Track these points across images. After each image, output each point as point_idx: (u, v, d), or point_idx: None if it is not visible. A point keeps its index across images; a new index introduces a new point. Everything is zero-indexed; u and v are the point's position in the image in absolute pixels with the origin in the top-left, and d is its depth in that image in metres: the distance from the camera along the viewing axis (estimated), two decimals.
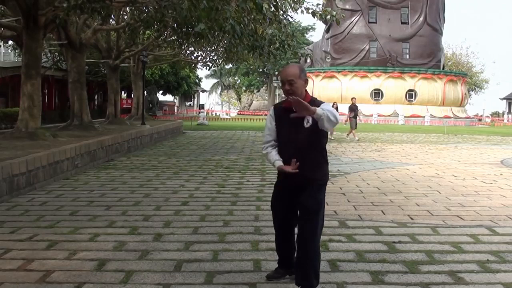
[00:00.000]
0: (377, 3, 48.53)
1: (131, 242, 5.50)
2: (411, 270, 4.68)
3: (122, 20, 21.10)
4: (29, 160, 8.63)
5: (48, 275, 4.43)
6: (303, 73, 4.02)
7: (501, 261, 4.99)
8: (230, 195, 8.33)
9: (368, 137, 23.90)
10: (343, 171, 11.62)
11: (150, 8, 13.51)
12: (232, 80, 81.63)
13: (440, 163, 13.74)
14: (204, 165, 12.48)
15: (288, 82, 3.97)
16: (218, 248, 5.31)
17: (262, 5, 10.34)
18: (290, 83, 3.97)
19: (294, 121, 3.91)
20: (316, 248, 4.06)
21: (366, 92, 45.39)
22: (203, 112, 43.11)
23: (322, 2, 25.49)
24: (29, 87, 12.57)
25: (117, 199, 7.92)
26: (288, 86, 3.97)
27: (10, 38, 16.42)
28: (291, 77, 3.98)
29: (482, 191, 9.15)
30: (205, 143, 19.24)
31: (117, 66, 22.10)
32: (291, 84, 3.97)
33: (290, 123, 3.97)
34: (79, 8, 10.82)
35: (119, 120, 21.59)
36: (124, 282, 4.30)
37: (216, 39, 14.43)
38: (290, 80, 3.97)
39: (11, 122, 18.59)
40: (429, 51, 48.51)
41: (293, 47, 17.03)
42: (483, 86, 70.92)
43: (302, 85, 4.00)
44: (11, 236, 5.68)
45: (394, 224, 6.45)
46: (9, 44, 26.43)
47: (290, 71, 4.01)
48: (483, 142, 22.52)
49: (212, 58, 27.35)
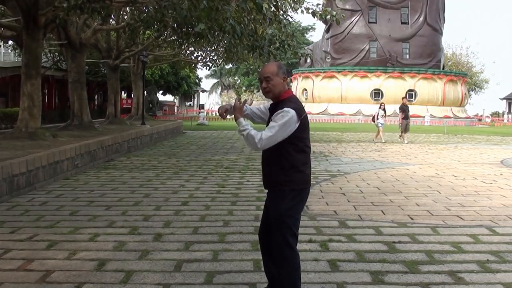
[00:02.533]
0: (377, 3, 48.51)
1: (131, 242, 5.50)
2: (411, 270, 4.69)
3: (122, 20, 21.11)
4: (29, 160, 8.63)
5: (48, 275, 4.44)
6: (281, 70, 3.88)
7: (501, 261, 5.00)
8: (230, 195, 8.34)
9: (368, 137, 23.89)
10: (343, 171, 11.62)
11: (150, 8, 13.52)
12: (232, 80, 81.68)
13: (440, 163, 13.74)
14: (204, 165, 12.48)
15: (265, 79, 3.85)
16: (218, 248, 5.31)
17: (262, 5, 10.34)
18: (266, 80, 3.84)
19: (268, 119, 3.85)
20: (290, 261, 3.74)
21: (366, 92, 45.38)
22: (203, 112, 43.09)
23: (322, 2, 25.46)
24: (29, 87, 12.58)
25: (117, 199, 7.92)
26: (265, 84, 3.86)
27: (10, 38, 16.43)
28: (268, 74, 3.85)
29: (482, 191, 9.15)
30: (205, 143, 19.25)
31: (117, 66, 22.10)
32: (267, 81, 3.84)
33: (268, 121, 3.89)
34: (79, 8, 10.82)
35: (119, 120, 21.59)
36: (124, 282, 4.30)
37: (216, 39, 14.42)
38: (267, 77, 3.84)
39: (11, 122, 18.59)
40: (429, 51, 48.49)
41: (293, 47, 17.03)
42: (483, 86, 70.90)
43: (279, 82, 3.83)
44: (11, 236, 5.68)
45: (394, 224, 6.46)
46: (9, 44, 26.41)
47: (267, 68, 3.90)
48: (483, 142, 22.52)
49: (212, 58, 27.35)
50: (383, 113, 22.02)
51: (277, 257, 3.75)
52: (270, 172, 3.80)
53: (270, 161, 3.78)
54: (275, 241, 3.74)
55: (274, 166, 3.76)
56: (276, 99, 3.85)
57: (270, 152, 3.74)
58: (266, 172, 3.84)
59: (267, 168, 3.82)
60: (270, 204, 3.81)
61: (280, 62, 4.05)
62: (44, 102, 25.66)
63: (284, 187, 3.72)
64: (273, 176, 3.78)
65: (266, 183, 3.85)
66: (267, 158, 3.80)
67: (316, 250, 5.25)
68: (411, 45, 48.47)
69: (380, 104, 22.92)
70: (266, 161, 3.82)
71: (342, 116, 44.42)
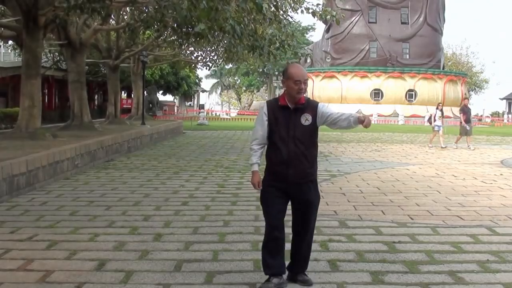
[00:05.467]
0: (377, 3, 48.52)
1: (131, 242, 5.50)
2: (411, 270, 4.68)
3: (122, 20, 21.11)
4: (29, 160, 8.63)
5: (48, 275, 4.43)
6: None
7: (501, 261, 4.99)
8: (230, 195, 8.33)
9: (368, 137, 23.90)
10: (343, 171, 11.61)
11: (150, 8, 13.53)
12: (232, 80, 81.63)
13: (440, 163, 13.74)
14: (204, 165, 12.48)
15: (305, 81, 4.09)
16: (218, 248, 5.31)
17: (262, 5, 10.34)
18: (305, 83, 4.10)
19: (291, 119, 4.07)
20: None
21: (366, 92, 45.39)
22: (203, 112, 43.09)
23: (322, 2, 25.49)
24: (29, 87, 12.57)
25: (117, 199, 7.92)
26: (304, 85, 4.07)
27: (10, 38, 16.43)
28: (307, 77, 4.16)
29: (482, 191, 9.15)
30: (205, 143, 19.24)
31: (117, 66, 22.10)
32: (306, 83, 4.10)
33: (287, 120, 4.08)
34: (79, 8, 10.83)
35: (119, 120, 21.59)
36: (124, 282, 4.30)
37: (216, 39, 14.43)
38: (306, 80, 4.13)
39: (11, 122, 18.59)
40: (429, 51, 48.49)
41: (293, 47, 17.04)
42: (483, 86, 70.89)
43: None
44: (11, 236, 5.68)
45: (394, 224, 6.45)
46: (9, 44, 26.38)
47: (305, 72, 4.18)
48: (483, 142, 22.53)
49: (212, 58, 27.36)
50: (440, 114, 19.48)
51: (307, 233, 4.24)
52: (304, 165, 4.09)
53: (305, 156, 4.08)
54: (306, 218, 4.20)
55: (312, 156, 4.17)
56: (299, 100, 4.10)
57: (303, 148, 4.07)
58: (300, 165, 4.06)
59: (302, 161, 4.07)
60: (305, 191, 4.12)
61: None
62: (44, 102, 25.60)
63: (316, 176, 4.24)
64: (312, 166, 4.15)
65: (299, 174, 4.07)
66: (302, 153, 4.06)
67: (316, 250, 5.24)
68: (411, 45, 48.48)
69: (437, 105, 20.39)
70: (302, 156, 4.07)
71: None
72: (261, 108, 4.29)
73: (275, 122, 4.12)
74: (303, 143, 4.07)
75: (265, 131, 4.16)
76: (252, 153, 4.21)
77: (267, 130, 4.15)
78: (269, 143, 4.18)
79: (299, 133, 4.07)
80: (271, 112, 4.15)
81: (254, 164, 4.18)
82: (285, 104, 4.11)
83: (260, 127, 4.18)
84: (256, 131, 4.22)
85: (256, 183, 4.17)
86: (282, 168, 4.08)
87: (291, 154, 4.06)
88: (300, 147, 4.06)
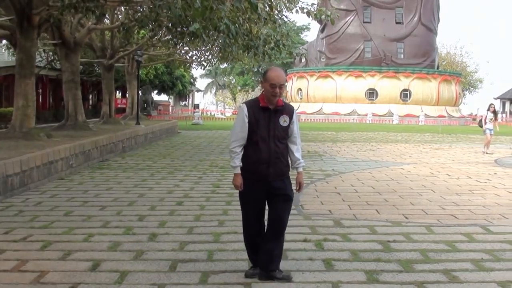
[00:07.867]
0: (371, 3, 48.62)
1: (126, 242, 5.49)
2: (405, 269, 4.70)
3: (116, 19, 21.03)
4: (23, 160, 8.59)
5: (42, 276, 4.42)
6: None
7: (495, 260, 5.02)
8: (225, 195, 8.33)
9: (363, 136, 23.94)
10: (338, 170, 11.63)
11: (145, 8, 13.50)
12: (227, 80, 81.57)
13: (435, 162, 13.78)
14: (199, 164, 12.47)
15: (280, 86, 4.19)
16: (213, 248, 5.31)
17: (257, 5, 10.32)
18: (281, 87, 4.20)
19: (271, 119, 4.24)
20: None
21: (361, 91, 45.48)
22: (198, 111, 43.03)
23: (316, 2, 25.50)
24: (23, 86, 12.52)
25: (111, 199, 7.90)
26: (280, 90, 4.20)
27: (3, 37, 16.35)
28: (283, 82, 4.23)
29: (476, 190, 9.19)
30: (200, 143, 19.23)
31: (111, 66, 22.03)
32: (281, 88, 4.21)
33: (267, 121, 4.24)
34: (73, 7, 10.80)
35: (114, 120, 21.52)
36: (118, 283, 4.29)
37: (211, 38, 14.40)
38: (283, 85, 4.21)
39: (5, 122, 18.52)
40: (424, 51, 48.63)
41: (288, 46, 17.06)
42: (477, 85, 71.11)
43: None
44: (5, 237, 5.65)
45: (389, 223, 6.47)
46: (2, 44, 26.26)
47: (283, 76, 4.26)
48: (477, 141, 22.59)
49: (206, 58, 27.27)
50: (492, 116, 16.98)
51: (279, 229, 4.36)
52: (282, 163, 4.32)
53: (283, 155, 4.32)
54: (286, 214, 4.38)
55: (286, 155, 4.38)
56: (277, 102, 4.26)
57: (282, 147, 4.31)
58: (279, 164, 4.29)
59: (281, 160, 4.31)
60: (284, 187, 4.33)
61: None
62: (38, 102, 25.47)
63: (288, 174, 4.41)
64: (287, 164, 4.39)
65: (278, 173, 4.28)
66: (281, 152, 4.31)
67: (311, 250, 5.26)
68: (405, 44, 48.60)
69: (489, 106, 17.51)
70: (280, 155, 4.30)
71: (337, 116, 44.47)
72: (240, 109, 4.38)
73: (256, 123, 4.25)
74: (282, 143, 4.30)
75: (246, 132, 4.27)
76: (234, 156, 4.31)
77: (247, 131, 4.26)
78: (248, 143, 4.29)
79: (279, 133, 4.27)
80: (251, 113, 4.26)
81: (236, 167, 4.30)
82: (265, 105, 4.26)
83: (240, 128, 4.29)
84: (235, 133, 4.32)
85: (239, 184, 4.32)
86: (263, 168, 4.25)
87: (272, 153, 4.24)
88: (280, 146, 4.29)
